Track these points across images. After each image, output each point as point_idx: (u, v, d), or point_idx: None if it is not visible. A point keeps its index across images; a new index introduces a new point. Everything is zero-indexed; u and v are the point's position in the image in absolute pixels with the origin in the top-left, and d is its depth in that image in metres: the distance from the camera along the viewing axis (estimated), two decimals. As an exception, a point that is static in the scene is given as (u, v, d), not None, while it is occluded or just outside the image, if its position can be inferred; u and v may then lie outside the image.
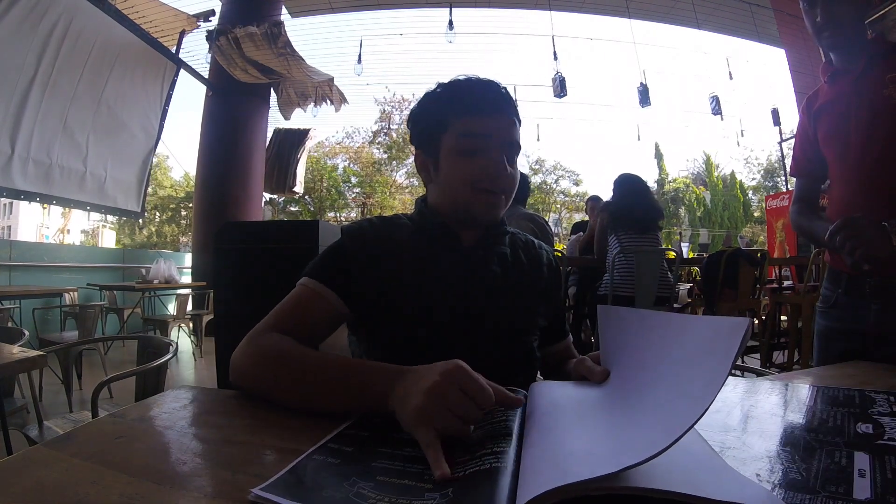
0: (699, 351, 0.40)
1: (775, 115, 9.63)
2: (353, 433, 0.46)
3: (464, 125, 0.73)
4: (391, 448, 0.43)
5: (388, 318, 0.70)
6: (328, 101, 6.54)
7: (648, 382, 0.45)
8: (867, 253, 0.81)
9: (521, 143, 0.77)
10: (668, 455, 0.30)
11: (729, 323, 0.38)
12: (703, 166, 23.72)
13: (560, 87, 6.83)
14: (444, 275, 0.73)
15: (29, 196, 3.94)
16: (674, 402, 0.37)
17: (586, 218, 4.38)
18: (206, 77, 6.02)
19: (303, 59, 5.58)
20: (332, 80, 6.24)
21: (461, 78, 0.76)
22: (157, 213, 22.40)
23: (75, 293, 4.13)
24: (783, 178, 13.76)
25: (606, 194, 3.50)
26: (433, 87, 0.78)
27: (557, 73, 6.84)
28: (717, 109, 8.12)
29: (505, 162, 0.72)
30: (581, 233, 4.09)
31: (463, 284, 0.72)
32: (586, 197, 4.99)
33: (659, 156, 24.30)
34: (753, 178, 24.10)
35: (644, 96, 7.21)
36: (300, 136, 7.38)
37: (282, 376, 0.58)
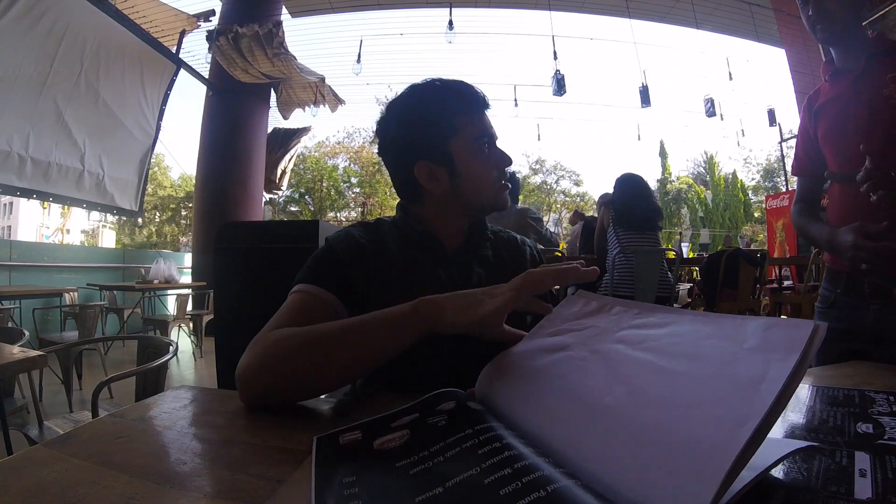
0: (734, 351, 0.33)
1: (771, 115, 9.66)
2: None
3: (476, 125, 0.75)
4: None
5: None
6: (324, 103, 6.54)
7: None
8: (881, 263, 0.82)
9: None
10: None
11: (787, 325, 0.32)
12: (705, 166, 23.76)
13: (558, 86, 6.84)
14: (429, 279, 0.72)
15: (26, 193, 3.94)
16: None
17: (590, 214, 4.40)
18: (207, 77, 6.02)
19: (294, 58, 5.57)
20: (323, 79, 6.23)
21: (441, 81, 0.76)
22: (157, 213, 22.42)
23: (75, 293, 4.13)
24: (783, 178, 13.77)
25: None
26: (408, 93, 0.77)
27: (556, 71, 6.85)
28: (711, 111, 8.17)
29: None
30: (581, 221, 4.11)
31: (448, 288, 0.69)
32: (594, 195, 5.00)
33: (663, 154, 24.33)
34: (753, 179, 24.15)
35: (644, 97, 7.22)
36: (291, 135, 7.38)
37: (300, 361, 0.54)
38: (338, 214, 20.45)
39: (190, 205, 17.81)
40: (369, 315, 0.56)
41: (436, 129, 0.74)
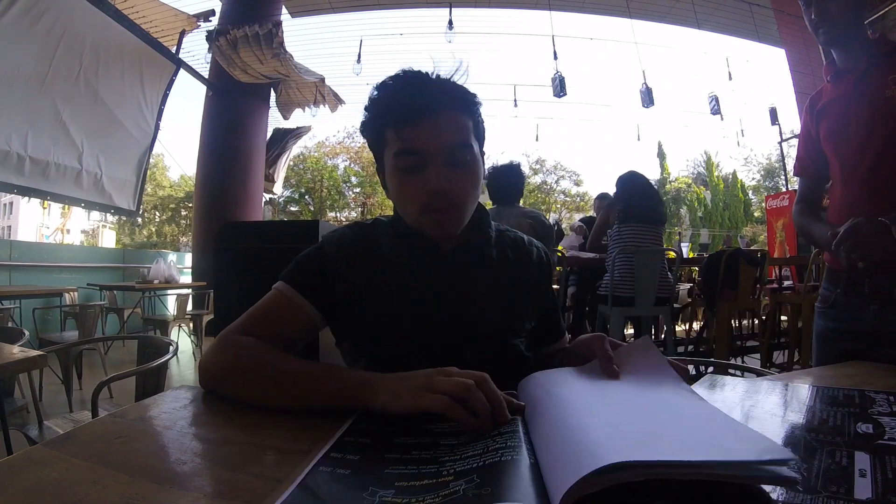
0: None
1: (773, 113, 9.64)
2: (353, 440, 0.44)
3: (398, 141, 0.65)
4: (399, 453, 0.41)
5: (369, 326, 0.68)
6: (324, 103, 6.54)
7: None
8: (877, 258, 0.82)
9: (485, 128, 0.71)
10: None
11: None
12: (704, 166, 23.78)
13: (560, 87, 6.84)
14: (425, 280, 0.69)
15: (24, 191, 3.94)
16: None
17: (590, 213, 4.41)
18: (206, 77, 6.02)
19: (292, 57, 5.56)
20: (323, 79, 6.23)
21: (388, 81, 0.67)
22: (157, 213, 22.41)
23: (75, 293, 4.13)
24: (783, 178, 13.77)
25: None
26: (373, 89, 0.69)
27: (557, 72, 6.85)
28: (716, 109, 8.13)
29: (448, 174, 0.64)
30: (582, 223, 4.12)
31: (444, 289, 0.69)
32: (594, 195, 5.00)
33: (662, 155, 24.35)
34: (753, 179, 24.16)
35: (647, 97, 7.20)
36: (289, 135, 7.38)
37: (251, 383, 0.57)
38: (338, 214, 20.44)
39: (190, 205, 17.82)
40: (317, 370, 0.56)
41: (373, 137, 0.70)
